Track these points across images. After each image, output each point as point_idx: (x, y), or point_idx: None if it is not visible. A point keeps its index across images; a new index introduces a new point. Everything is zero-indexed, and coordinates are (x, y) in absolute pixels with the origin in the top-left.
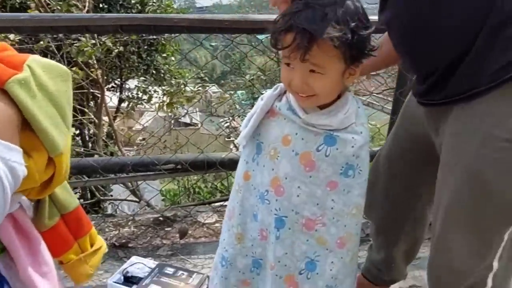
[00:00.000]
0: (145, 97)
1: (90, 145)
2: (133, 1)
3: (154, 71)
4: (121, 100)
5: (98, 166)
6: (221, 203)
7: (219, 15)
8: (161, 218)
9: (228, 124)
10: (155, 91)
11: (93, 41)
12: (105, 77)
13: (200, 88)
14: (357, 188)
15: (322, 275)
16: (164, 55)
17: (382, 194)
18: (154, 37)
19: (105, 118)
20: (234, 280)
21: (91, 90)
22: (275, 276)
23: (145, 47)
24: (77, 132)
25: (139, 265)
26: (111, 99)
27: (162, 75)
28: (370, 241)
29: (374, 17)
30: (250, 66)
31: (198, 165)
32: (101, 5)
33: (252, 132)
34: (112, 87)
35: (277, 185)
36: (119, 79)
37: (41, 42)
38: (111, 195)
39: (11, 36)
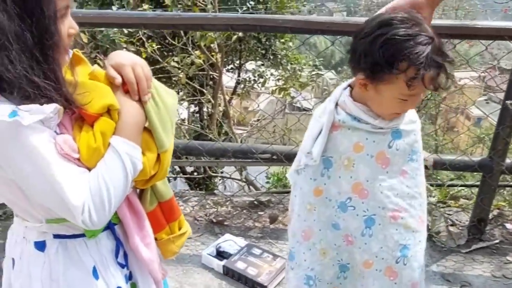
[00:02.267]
0: (260, 80)
1: (206, 123)
2: None
3: (271, 56)
4: (238, 82)
5: (203, 149)
6: None
7: (322, 17)
8: (255, 202)
9: None
10: (271, 74)
11: None
12: (225, 60)
13: (314, 75)
14: (420, 169)
15: (415, 256)
16: (283, 40)
17: None
18: None
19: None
20: None
21: (210, 73)
22: (375, 271)
23: None
24: (197, 109)
25: (230, 242)
26: (230, 80)
27: (279, 60)
28: None
29: None
30: None
31: (292, 157)
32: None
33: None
34: (232, 68)
35: (360, 189)
36: (238, 61)
37: None
38: (222, 172)
39: None
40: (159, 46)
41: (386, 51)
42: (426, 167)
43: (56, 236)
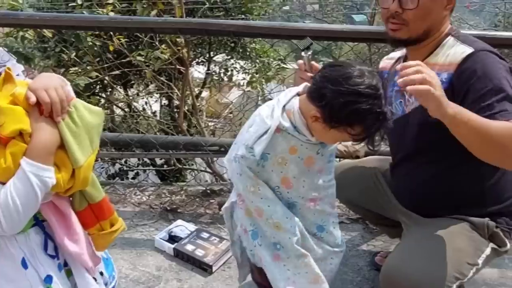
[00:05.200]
0: (228, 73)
1: (176, 115)
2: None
3: (241, 49)
4: (208, 74)
5: (156, 142)
6: None
7: (260, 22)
8: (208, 191)
9: None
10: (241, 67)
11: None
12: (194, 52)
13: (279, 69)
14: (332, 166)
15: (331, 233)
16: None
17: None
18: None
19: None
20: None
21: (178, 67)
22: None
23: None
24: (167, 103)
25: (182, 227)
26: (199, 72)
27: (248, 53)
28: None
29: None
30: (342, 46)
31: None
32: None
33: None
34: (202, 61)
35: (287, 182)
36: (207, 54)
37: None
38: (192, 164)
39: None
40: (126, 40)
41: (351, 117)
42: (358, 157)
43: None
